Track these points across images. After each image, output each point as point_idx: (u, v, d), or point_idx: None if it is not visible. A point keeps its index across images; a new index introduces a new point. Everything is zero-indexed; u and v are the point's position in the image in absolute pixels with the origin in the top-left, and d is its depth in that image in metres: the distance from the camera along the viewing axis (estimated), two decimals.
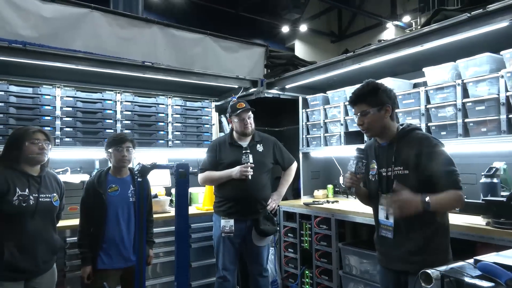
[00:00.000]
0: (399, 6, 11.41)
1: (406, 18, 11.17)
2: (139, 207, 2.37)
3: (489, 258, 1.51)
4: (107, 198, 2.65)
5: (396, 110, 2.34)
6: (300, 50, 11.91)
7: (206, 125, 4.16)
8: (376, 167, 2.11)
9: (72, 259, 2.93)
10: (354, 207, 3.28)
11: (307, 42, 12.34)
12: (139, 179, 2.19)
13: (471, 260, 1.55)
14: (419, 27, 10.41)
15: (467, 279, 1.37)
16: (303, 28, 11.60)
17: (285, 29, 11.44)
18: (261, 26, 11.13)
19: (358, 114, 2.04)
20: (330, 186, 4.07)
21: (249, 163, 2.96)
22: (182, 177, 1.84)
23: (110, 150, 2.70)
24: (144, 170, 2.14)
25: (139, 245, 2.36)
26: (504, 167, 2.59)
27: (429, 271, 1.49)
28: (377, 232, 2.16)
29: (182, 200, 1.86)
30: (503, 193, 2.50)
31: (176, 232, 1.86)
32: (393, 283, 2.07)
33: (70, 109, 3.42)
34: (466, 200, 2.57)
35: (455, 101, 2.74)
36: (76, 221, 3.04)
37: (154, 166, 2.15)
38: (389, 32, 11.51)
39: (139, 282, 2.35)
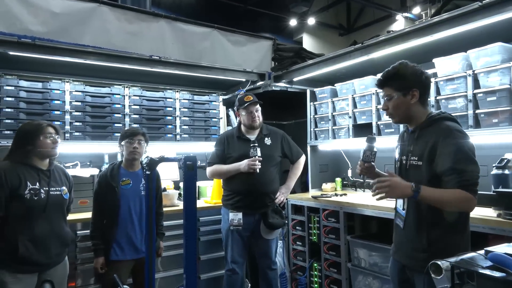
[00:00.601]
0: None
1: (416, 10, 11.01)
2: (147, 200, 2.38)
3: (500, 249, 1.49)
4: (119, 191, 2.72)
5: None
6: (308, 43, 11.83)
7: (214, 119, 4.17)
8: (399, 153, 2.03)
9: (83, 252, 2.98)
10: (362, 200, 3.26)
11: (315, 35, 12.24)
12: (147, 172, 2.20)
13: (481, 251, 1.53)
14: (429, 18, 10.35)
15: (477, 270, 1.36)
16: (311, 21, 11.49)
17: (293, 22, 11.36)
18: (268, 20, 11.06)
19: (385, 98, 1.93)
20: (338, 179, 4.05)
21: (257, 157, 2.96)
22: (190, 170, 1.84)
23: (122, 143, 2.77)
24: (152, 163, 2.14)
25: (148, 237, 2.39)
26: None
27: (439, 262, 1.48)
28: (394, 220, 2.10)
29: (190, 193, 1.86)
30: None
31: (184, 224, 1.87)
32: (398, 275, 2.04)
33: (79, 103, 3.44)
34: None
35: (466, 92, 2.69)
36: (86, 215, 3.09)
37: (162, 159, 2.16)
38: (399, 24, 11.34)
39: (149, 274, 2.38)
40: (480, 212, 2.42)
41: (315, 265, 3.53)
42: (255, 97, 3.13)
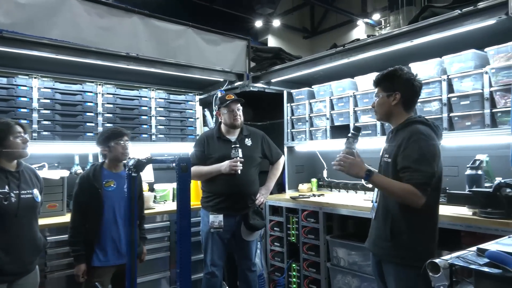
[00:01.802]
0: (369, 4, 11.65)
1: (376, 16, 11.44)
2: (129, 202, 2.28)
3: (491, 246, 1.56)
4: (103, 193, 2.60)
5: None
6: (273, 45, 11.91)
7: (190, 119, 4.07)
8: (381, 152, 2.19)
9: (53, 259, 2.81)
10: (340, 200, 3.33)
11: (280, 37, 12.36)
12: (133, 174, 2.10)
13: (473, 249, 1.60)
14: (388, 25, 10.80)
15: (475, 267, 1.42)
16: (276, 23, 11.61)
17: (258, 23, 11.40)
18: (234, 20, 11.02)
19: (375, 97, 2.12)
20: (314, 180, 4.11)
21: (238, 158, 2.93)
22: (184, 172, 1.78)
23: (111, 144, 2.64)
24: (140, 165, 2.05)
25: (130, 241, 2.29)
26: (486, 160, 2.69)
27: (436, 260, 1.53)
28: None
29: (184, 195, 1.80)
30: (486, 184, 2.61)
31: (178, 227, 1.80)
32: (375, 265, 2.16)
33: (48, 101, 3.23)
34: (451, 191, 2.72)
35: (441, 96, 2.82)
36: (56, 219, 2.94)
37: (150, 160, 2.07)
38: (360, 29, 11.76)
39: (130, 279, 2.28)
40: (455, 211, 2.54)
41: (294, 265, 3.55)
42: (235, 96, 3.10)
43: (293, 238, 3.53)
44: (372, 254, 2.18)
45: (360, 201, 3.26)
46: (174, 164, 1.79)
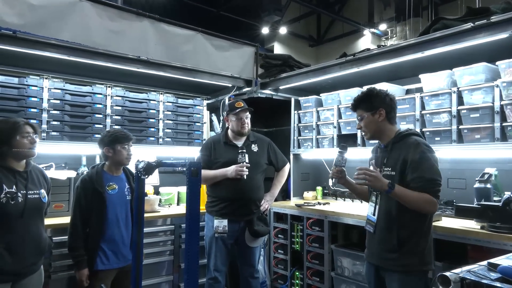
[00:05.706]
0: (376, 15, 11.70)
1: (383, 26, 11.48)
2: (137, 205, 2.28)
3: (502, 261, 1.55)
4: (107, 197, 2.57)
5: None
6: (279, 52, 11.97)
7: (197, 123, 4.08)
8: (374, 165, 2.24)
9: (58, 260, 2.80)
10: (346, 209, 3.31)
11: (286, 44, 12.43)
12: (142, 177, 2.10)
13: (484, 263, 1.59)
14: (394, 35, 10.82)
15: (487, 282, 1.41)
16: (283, 30, 11.67)
17: (265, 30, 11.45)
18: (241, 27, 11.08)
19: (358, 118, 2.23)
20: (319, 188, 4.09)
21: (245, 163, 2.93)
22: (194, 176, 1.77)
23: (116, 147, 2.61)
24: (150, 168, 2.05)
25: (136, 244, 2.29)
26: (495, 173, 2.68)
27: (447, 274, 1.52)
28: (365, 226, 2.33)
29: (194, 199, 1.79)
30: (494, 198, 2.59)
31: (186, 232, 1.79)
32: (374, 277, 2.22)
33: (58, 101, 3.24)
34: (459, 204, 2.70)
35: (450, 108, 2.82)
36: (61, 220, 2.92)
37: (160, 163, 2.07)
38: (366, 39, 11.79)
39: (135, 280, 2.27)
40: (462, 224, 2.52)
41: (297, 273, 3.53)
42: (245, 103, 3.11)
43: (297, 246, 3.51)
44: (369, 263, 2.25)
45: (365, 210, 3.22)
46: (184, 169, 1.78)
